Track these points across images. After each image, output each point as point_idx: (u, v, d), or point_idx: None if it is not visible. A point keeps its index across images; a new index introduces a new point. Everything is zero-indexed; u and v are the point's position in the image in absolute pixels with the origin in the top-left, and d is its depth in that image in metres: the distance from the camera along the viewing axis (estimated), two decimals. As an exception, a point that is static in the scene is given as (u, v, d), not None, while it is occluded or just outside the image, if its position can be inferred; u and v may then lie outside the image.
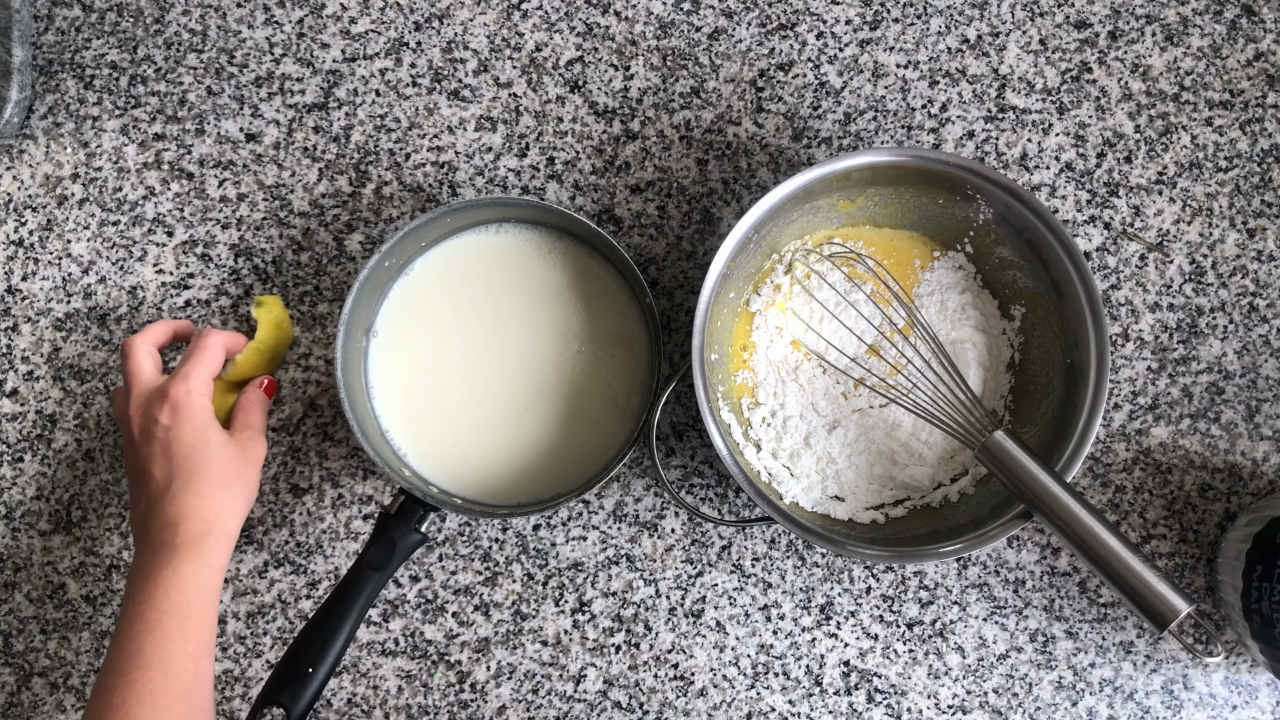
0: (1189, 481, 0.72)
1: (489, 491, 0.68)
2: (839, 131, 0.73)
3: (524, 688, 0.71)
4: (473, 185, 0.73)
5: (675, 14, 0.73)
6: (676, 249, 0.73)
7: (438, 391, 0.69)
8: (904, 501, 0.69)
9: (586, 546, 0.71)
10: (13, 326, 0.72)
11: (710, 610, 0.71)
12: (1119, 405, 0.72)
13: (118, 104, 0.73)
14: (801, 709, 0.71)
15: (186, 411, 0.62)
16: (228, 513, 0.61)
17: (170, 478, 0.61)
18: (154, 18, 0.74)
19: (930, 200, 0.67)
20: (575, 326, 0.69)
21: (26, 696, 0.71)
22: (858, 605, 0.71)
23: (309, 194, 0.73)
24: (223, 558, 0.60)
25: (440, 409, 0.68)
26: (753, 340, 0.69)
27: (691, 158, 0.73)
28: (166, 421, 0.62)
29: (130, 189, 0.73)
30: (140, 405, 0.63)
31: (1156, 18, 0.74)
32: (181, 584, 0.58)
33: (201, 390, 0.63)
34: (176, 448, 0.61)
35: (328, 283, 0.73)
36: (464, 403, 0.68)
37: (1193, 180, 0.73)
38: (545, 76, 0.73)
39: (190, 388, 0.63)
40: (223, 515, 0.61)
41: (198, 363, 0.64)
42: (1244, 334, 0.72)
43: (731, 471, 0.62)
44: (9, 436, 0.72)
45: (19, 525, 0.71)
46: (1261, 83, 0.74)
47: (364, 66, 0.73)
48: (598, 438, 0.68)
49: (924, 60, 0.73)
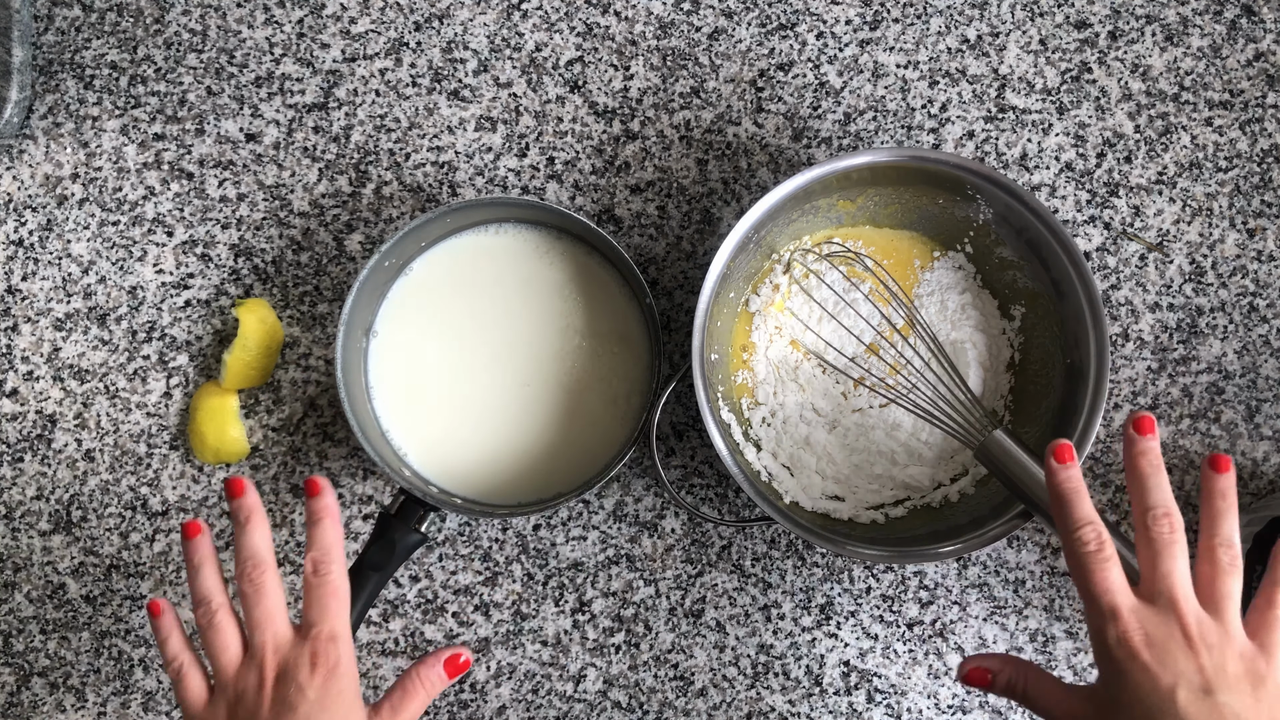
0: (1189, 481, 0.72)
1: (489, 491, 0.68)
2: (839, 131, 0.73)
3: (524, 688, 0.71)
4: (473, 185, 0.73)
5: (675, 14, 0.74)
6: (676, 249, 0.73)
7: (438, 391, 0.69)
8: (904, 501, 0.69)
9: (586, 546, 0.72)
10: (13, 326, 0.72)
11: (710, 610, 0.71)
12: (1119, 405, 0.72)
13: (118, 104, 0.73)
14: (801, 709, 0.71)
15: (337, 682, 0.50)
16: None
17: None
18: (154, 18, 0.74)
19: (930, 200, 0.67)
20: (575, 326, 0.69)
21: (26, 696, 0.71)
22: (858, 605, 0.71)
23: (309, 194, 0.73)
24: None
25: (440, 409, 0.69)
26: (752, 340, 0.69)
27: (691, 158, 0.73)
28: (314, 695, 0.49)
29: (130, 189, 0.73)
30: (281, 658, 0.50)
31: (1156, 18, 0.74)
32: None
33: (349, 646, 0.51)
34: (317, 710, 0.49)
35: (328, 283, 0.73)
36: (464, 402, 0.68)
37: (1193, 180, 0.73)
38: (545, 76, 0.73)
39: (340, 647, 0.50)
40: None
41: (341, 603, 0.52)
42: (1244, 334, 0.72)
43: (731, 471, 0.62)
44: (9, 436, 0.72)
45: (19, 525, 0.71)
46: (1261, 83, 0.74)
47: (364, 66, 0.73)
48: (598, 438, 0.68)
49: (924, 60, 0.73)
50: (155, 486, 0.71)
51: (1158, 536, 0.51)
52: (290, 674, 0.49)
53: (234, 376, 0.69)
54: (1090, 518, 0.52)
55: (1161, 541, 0.50)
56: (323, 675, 0.49)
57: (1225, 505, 0.52)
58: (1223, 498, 0.52)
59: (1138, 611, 0.49)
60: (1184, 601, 0.49)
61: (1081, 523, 0.52)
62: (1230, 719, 0.46)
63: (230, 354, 0.68)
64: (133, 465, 0.71)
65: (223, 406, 0.69)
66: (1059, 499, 0.53)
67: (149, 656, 0.71)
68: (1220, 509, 0.52)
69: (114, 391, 0.72)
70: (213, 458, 0.70)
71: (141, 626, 0.71)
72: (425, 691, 0.55)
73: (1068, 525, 0.52)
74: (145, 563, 0.71)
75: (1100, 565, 0.50)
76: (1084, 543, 0.51)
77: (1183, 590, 0.50)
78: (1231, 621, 0.50)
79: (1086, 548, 0.51)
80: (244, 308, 0.69)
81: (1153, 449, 0.53)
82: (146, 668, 0.71)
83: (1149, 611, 0.49)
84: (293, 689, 0.49)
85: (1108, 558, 0.50)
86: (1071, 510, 0.52)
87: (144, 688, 0.71)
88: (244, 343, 0.68)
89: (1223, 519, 0.52)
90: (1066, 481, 0.53)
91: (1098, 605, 0.50)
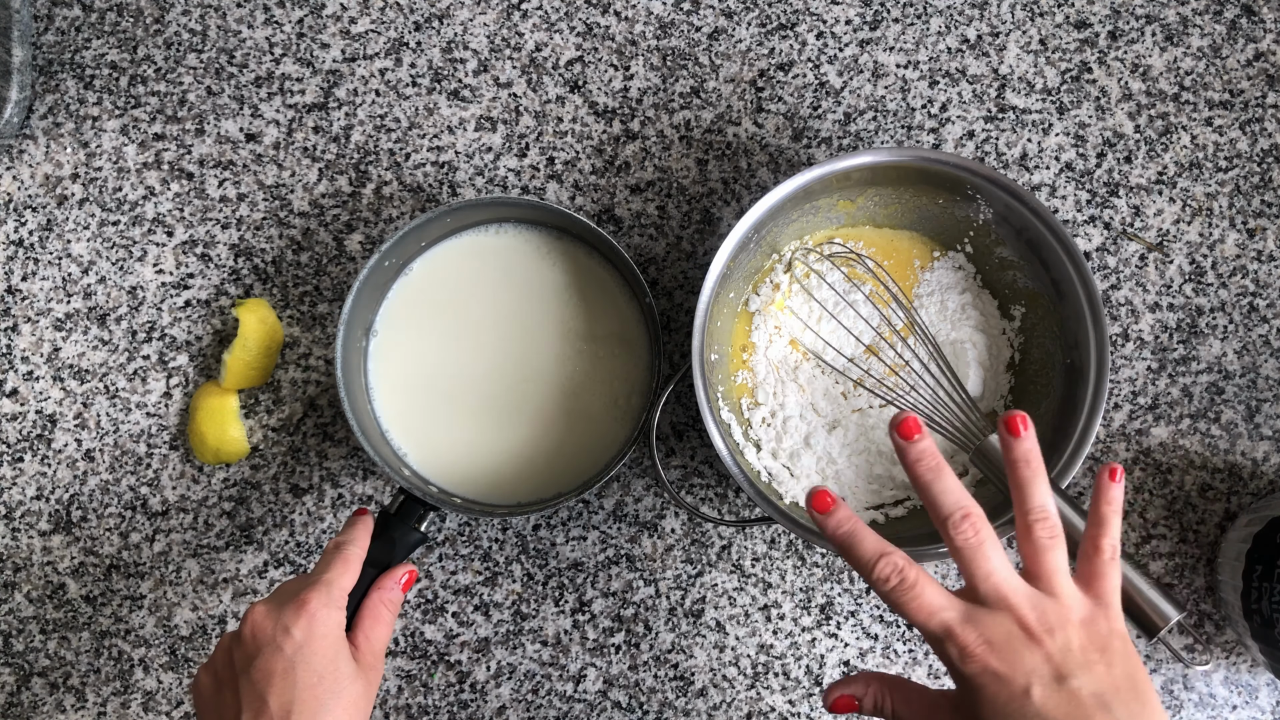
0: (1189, 481, 0.72)
1: (489, 491, 0.68)
2: (839, 131, 0.73)
3: (524, 688, 0.71)
4: (473, 185, 0.73)
5: (675, 14, 0.73)
6: (676, 249, 0.73)
7: (438, 391, 0.69)
8: (904, 501, 0.69)
9: (586, 546, 0.72)
10: (13, 326, 0.72)
11: (710, 610, 0.71)
12: (1119, 405, 0.72)
13: (118, 104, 0.73)
14: (801, 709, 0.71)
15: (324, 628, 0.53)
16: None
17: (288, 710, 0.51)
18: (154, 18, 0.74)
19: (930, 200, 0.67)
20: (575, 326, 0.69)
21: (26, 696, 0.71)
22: (858, 605, 0.71)
23: (309, 194, 0.73)
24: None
25: (440, 408, 0.69)
26: (752, 340, 0.69)
27: (691, 158, 0.73)
28: (300, 636, 0.53)
29: (130, 189, 0.73)
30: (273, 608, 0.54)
31: (1156, 18, 0.74)
32: None
33: (342, 605, 0.55)
34: (304, 673, 0.52)
35: (328, 283, 0.73)
36: (464, 402, 0.68)
37: (1193, 180, 0.73)
38: (545, 76, 0.73)
39: (333, 598, 0.55)
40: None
41: (341, 571, 0.56)
42: (1244, 334, 0.72)
43: (731, 471, 0.62)
44: (9, 436, 0.72)
45: (19, 525, 0.71)
46: (1261, 83, 0.74)
47: (364, 66, 0.73)
48: (598, 438, 0.68)
49: (924, 60, 0.73)
50: (155, 486, 0.71)
51: (964, 543, 0.48)
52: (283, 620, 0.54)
53: (234, 376, 0.69)
54: (886, 549, 0.49)
55: (969, 545, 0.48)
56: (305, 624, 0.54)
57: (1030, 473, 0.50)
58: (1026, 464, 0.50)
59: (971, 620, 0.47)
60: (1012, 594, 0.47)
61: (875, 557, 0.49)
62: (1088, 700, 0.45)
63: (230, 354, 0.68)
64: (133, 465, 0.71)
65: (223, 406, 0.69)
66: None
67: (149, 656, 0.71)
68: (1026, 477, 0.50)
69: (114, 391, 0.72)
70: (213, 458, 0.70)
71: (141, 626, 0.71)
72: (388, 611, 0.59)
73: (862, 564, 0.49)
74: (145, 563, 0.71)
75: (911, 591, 0.48)
76: (884, 579, 0.48)
77: (1008, 584, 0.47)
78: (1065, 593, 0.48)
79: (888, 584, 0.48)
80: (244, 308, 0.69)
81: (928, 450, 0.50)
82: (146, 668, 0.71)
83: (982, 614, 0.47)
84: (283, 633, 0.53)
85: (914, 582, 0.48)
86: (862, 547, 0.49)
87: (144, 688, 0.71)
88: (244, 343, 0.68)
89: (1030, 488, 0.49)
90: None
91: (928, 630, 0.48)
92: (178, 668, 0.71)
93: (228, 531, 0.71)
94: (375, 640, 0.57)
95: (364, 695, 0.54)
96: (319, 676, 0.52)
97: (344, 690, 0.53)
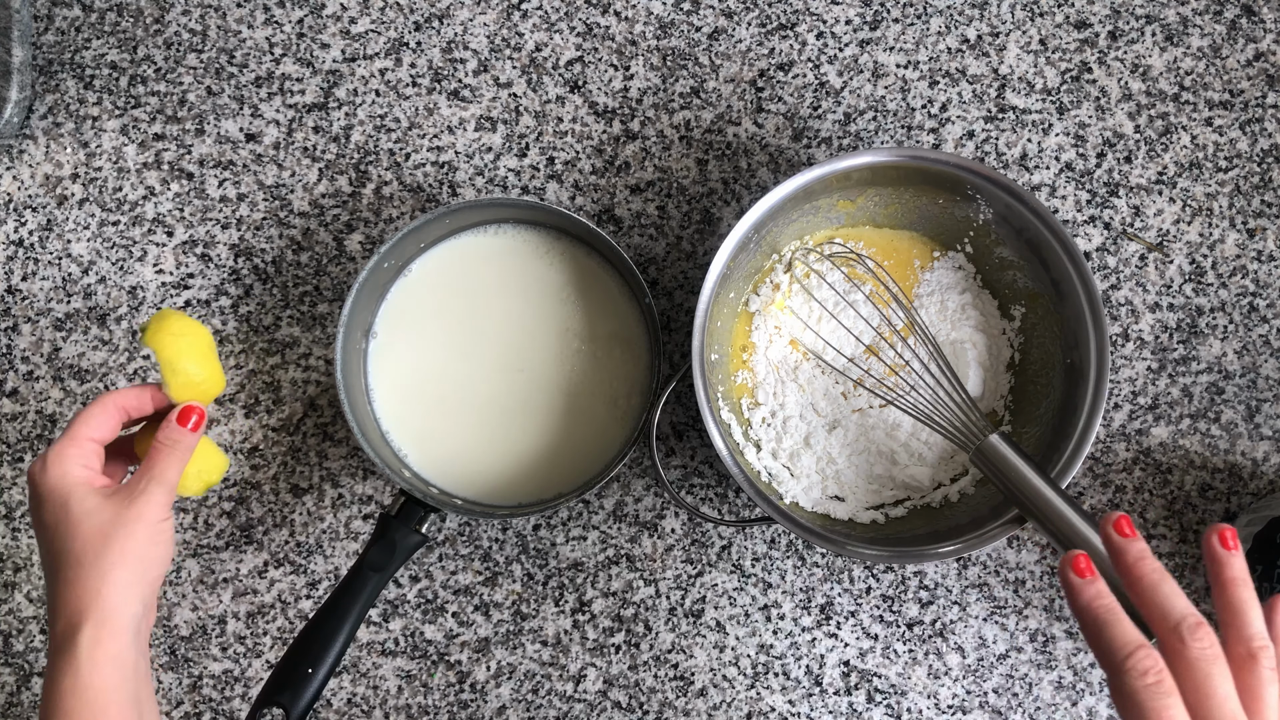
0: (1189, 481, 0.72)
1: (489, 492, 0.68)
2: (839, 131, 0.73)
3: (524, 688, 0.71)
4: (472, 185, 0.73)
5: (675, 14, 0.73)
6: (676, 249, 0.73)
7: (437, 392, 0.69)
8: (904, 501, 0.69)
9: (586, 546, 0.72)
10: (13, 326, 0.72)
11: (710, 610, 0.71)
12: (1119, 405, 0.72)
13: (118, 104, 0.73)
14: (801, 709, 0.71)
15: (41, 489, 0.51)
16: (106, 589, 0.49)
17: (46, 575, 0.51)
18: (154, 18, 0.74)
19: (930, 200, 0.67)
20: (575, 326, 0.69)
21: (27, 696, 0.71)
22: (858, 605, 0.71)
23: (309, 194, 0.73)
24: (115, 644, 0.49)
25: (440, 409, 0.69)
26: (752, 340, 0.69)
27: (691, 158, 0.73)
28: (31, 507, 0.52)
29: (130, 189, 0.73)
30: None
31: (1156, 18, 0.74)
32: (61, 701, 0.47)
33: (59, 457, 0.52)
34: (41, 535, 0.51)
35: (328, 283, 0.73)
36: (464, 403, 0.68)
37: (1193, 180, 0.73)
38: (545, 76, 0.73)
39: (46, 460, 0.52)
40: (100, 595, 0.49)
41: (67, 430, 0.53)
42: (1244, 334, 0.72)
43: (731, 471, 0.62)
44: (9, 436, 0.72)
45: (19, 525, 0.71)
46: (1261, 83, 0.74)
47: (364, 66, 0.73)
48: (598, 438, 0.68)
49: (924, 60, 0.73)
50: (155, 486, 0.71)
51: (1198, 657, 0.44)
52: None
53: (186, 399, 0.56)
54: (1143, 639, 0.44)
55: (1204, 662, 0.44)
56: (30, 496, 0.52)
57: (1249, 595, 0.46)
58: (1244, 585, 0.46)
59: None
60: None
61: (1135, 646, 0.44)
62: None
63: (167, 387, 0.55)
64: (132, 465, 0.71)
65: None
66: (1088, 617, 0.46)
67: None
68: (1244, 599, 0.46)
69: (114, 391, 0.72)
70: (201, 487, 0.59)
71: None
72: (168, 448, 0.54)
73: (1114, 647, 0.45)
74: (145, 563, 0.71)
75: (1168, 698, 0.43)
76: (1141, 673, 0.44)
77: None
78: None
79: (1144, 679, 0.43)
80: (150, 333, 0.55)
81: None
82: (146, 668, 0.71)
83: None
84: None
85: (1170, 689, 0.43)
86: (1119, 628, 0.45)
87: (144, 688, 0.71)
88: (170, 368, 0.55)
89: (1248, 610, 0.46)
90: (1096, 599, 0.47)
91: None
92: (178, 668, 0.71)
93: (228, 531, 0.71)
94: (149, 464, 0.53)
95: (114, 518, 0.51)
96: (53, 529, 0.51)
97: (80, 526, 0.50)
